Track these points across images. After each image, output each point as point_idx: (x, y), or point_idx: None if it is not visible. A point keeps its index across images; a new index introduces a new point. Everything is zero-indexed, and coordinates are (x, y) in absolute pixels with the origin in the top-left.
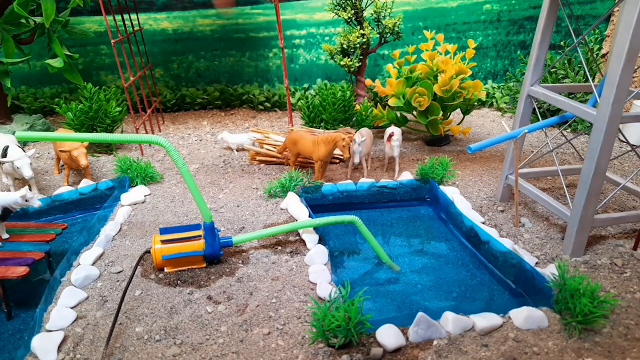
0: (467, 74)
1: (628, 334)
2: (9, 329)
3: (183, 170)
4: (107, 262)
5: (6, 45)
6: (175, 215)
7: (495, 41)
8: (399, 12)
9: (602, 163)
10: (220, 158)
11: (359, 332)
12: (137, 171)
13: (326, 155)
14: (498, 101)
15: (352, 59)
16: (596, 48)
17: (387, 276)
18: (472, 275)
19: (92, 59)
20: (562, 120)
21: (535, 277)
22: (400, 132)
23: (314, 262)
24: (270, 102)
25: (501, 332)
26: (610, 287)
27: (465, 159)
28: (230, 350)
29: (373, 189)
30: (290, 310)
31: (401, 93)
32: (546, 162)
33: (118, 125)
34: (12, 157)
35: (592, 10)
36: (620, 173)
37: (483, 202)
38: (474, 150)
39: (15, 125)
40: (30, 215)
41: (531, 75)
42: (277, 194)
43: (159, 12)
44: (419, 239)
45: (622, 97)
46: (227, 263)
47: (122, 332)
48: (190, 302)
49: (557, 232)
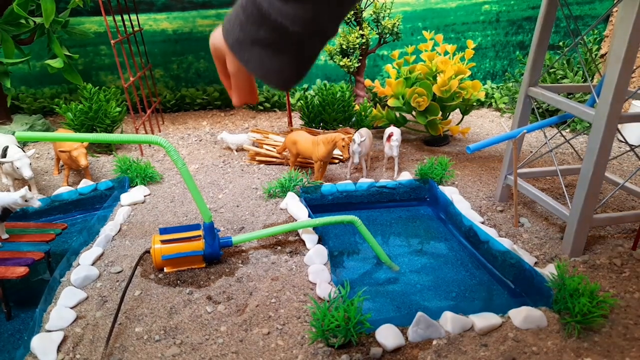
0: (466, 74)
1: (627, 334)
2: (8, 329)
3: (183, 171)
4: (106, 262)
5: (6, 45)
6: (175, 216)
7: (494, 41)
8: (398, 13)
9: (601, 163)
10: (220, 158)
11: (358, 332)
12: (136, 171)
13: (326, 155)
14: (497, 101)
15: (352, 59)
16: (595, 48)
17: (387, 276)
18: (472, 275)
19: (92, 60)
20: (561, 120)
21: (535, 277)
22: (399, 132)
23: (313, 262)
24: (269, 103)
25: (500, 331)
26: (609, 287)
27: (464, 159)
28: (230, 350)
29: (372, 189)
30: (290, 310)
31: (400, 93)
32: (545, 162)
33: (118, 126)
34: (12, 157)
35: (590, 10)
36: (619, 173)
37: (482, 202)
38: (472, 150)
39: (15, 125)
40: (29, 216)
41: (530, 76)
42: (277, 194)
43: (158, 12)
44: (418, 239)
45: (620, 97)
46: (226, 263)
47: (122, 332)
48: (189, 302)
49: (556, 232)
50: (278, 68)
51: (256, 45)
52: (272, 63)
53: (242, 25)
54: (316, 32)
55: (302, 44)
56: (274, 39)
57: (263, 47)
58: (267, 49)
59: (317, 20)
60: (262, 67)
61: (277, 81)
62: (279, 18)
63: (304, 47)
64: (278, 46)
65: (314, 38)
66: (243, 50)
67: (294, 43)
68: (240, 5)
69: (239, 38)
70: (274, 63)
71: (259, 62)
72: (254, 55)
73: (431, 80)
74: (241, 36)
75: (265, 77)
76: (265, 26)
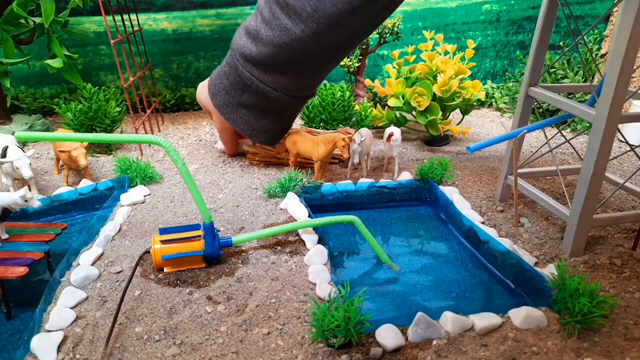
0: (467, 74)
1: (627, 334)
2: (8, 329)
3: (183, 171)
4: (106, 262)
5: (5, 45)
6: (175, 216)
7: (494, 41)
8: (398, 13)
9: (601, 163)
10: (219, 158)
11: (358, 332)
12: (136, 171)
13: (326, 155)
14: (497, 101)
15: (352, 59)
16: (595, 48)
17: (387, 276)
18: (472, 275)
19: (92, 59)
20: (561, 120)
21: (535, 277)
22: (399, 132)
23: (313, 262)
24: None
25: (500, 332)
26: (609, 287)
27: (464, 159)
28: (229, 350)
29: (372, 189)
30: (290, 310)
31: (400, 93)
32: (545, 162)
33: (117, 126)
34: (12, 157)
35: (591, 10)
36: (619, 173)
37: (482, 202)
38: (473, 150)
39: (15, 125)
40: (29, 216)
41: (530, 76)
42: (277, 194)
43: (158, 12)
44: (419, 239)
45: (621, 97)
46: (226, 263)
47: (122, 332)
48: (189, 302)
49: (557, 232)
50: (264, 127)
51: (242, 108)
52: (258, 123)
53: (227, 90)
54: (296, 97)
55: (284, 106)
56: (257, 103)
57: (249, 109)
58: (252, 111)
59: (299, 87)
60: (249, 126)
61: (264, 138)
62: (260, 86)
63: (286, 108)
64: (262, 108)
65: (295, 100)
66: (230, 112)
67: (276, 105)
68: (224, 73)
69: (225, 101)
70: (260, 123)
71: (246, 123)
72: (241, 116)
73: (431, 80)
74: (227, 99)
75: (253, 136)
76: (248, 92)
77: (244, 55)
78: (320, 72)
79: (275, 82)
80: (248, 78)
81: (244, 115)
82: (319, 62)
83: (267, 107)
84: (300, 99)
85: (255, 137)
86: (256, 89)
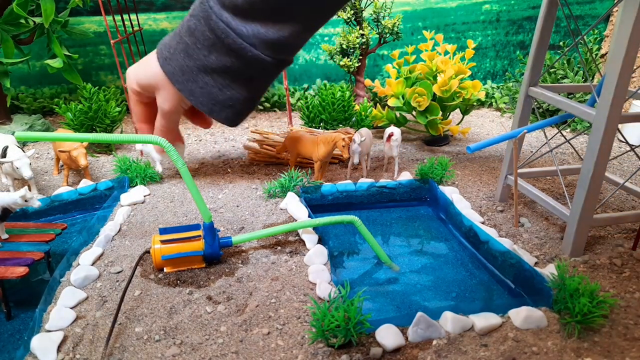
0: (467, 74)
1: (627, 334)
2: (8, 329)
3: (182, 171)
4: (106, 262)
5: (5, 45)
6: (175, 216)
7: (494, 41)
8: (398, 13)
9: (601, 163)
10: (219, 158)
11: (358, 332)
12: (136, 171)
13: (326, 155)
14: (497, 101)
15: (352, 59)
16: (595, 48)
17: (387, 276)
18: (472, 275)
19: (92, 59)
20: (561, 120)
21: (535, 277)
22: (399, 132)
23: (313, 262)
24: (269, 102)
25: (500, 332)
26: (609, 287)
27: (464, 159)
28: (229, 350)
29: (372, 189)
30: (290, 310)
31: (400, 93)
32: (545, 162)
33: (117, 126)
34: (12, 157)
35: (591, 10)
36: (619, 173)
37: (482, 202)
38: (473, 150)
39: (15, 125)
40: (29, 216)
41: (530, 76)
42: (277, 194)
43: (158, 12)
44: (419, 239)
45: (621, 97)
46: (226, 263)
47: (122, 332)
48: (189, 302)
49: (557, 232)
50: (229, 100)
51: (204, 74)
52: (223, 94)
53: (187, 51)
54: (275, 58)
55: (259, 70)
56: (226, 65)
57: (212, 75)
58: (216, 78)
59: (280, 44)
60: (210, 99)
61: (226, 115)
62: (237, 40)
63: (260, 74)
64: (231, 73)
65: (272, 63)
66: (187, 80)
67: (249, 70)
68: (186, 29)
69: (182, 66)
70: (225, 94)
71: (206, 95)
72: (202, 86)
73: (431, 80)
74: (185, 63)
75: (214, 112)
76: (217, 51)
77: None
78: (310, 23)
79: (254, 36)
80: (222, 30)
81: (205, 84)
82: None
83: (237, 70)
84: (278, 64)
85: (216, 114)
86: (230, 44)
